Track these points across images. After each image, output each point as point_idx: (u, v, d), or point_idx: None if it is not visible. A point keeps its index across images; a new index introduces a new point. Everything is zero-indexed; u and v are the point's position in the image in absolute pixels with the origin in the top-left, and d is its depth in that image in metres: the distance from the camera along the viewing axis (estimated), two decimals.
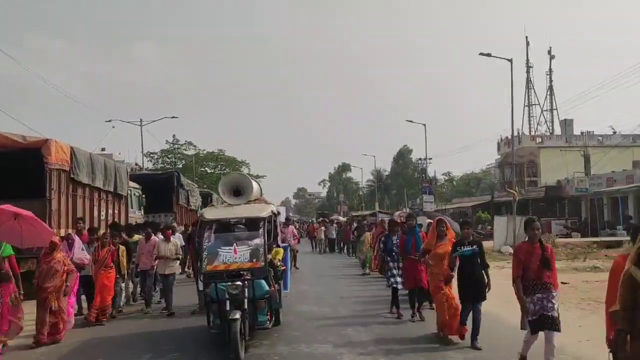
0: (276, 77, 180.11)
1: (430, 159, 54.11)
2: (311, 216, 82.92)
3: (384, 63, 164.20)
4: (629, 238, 27.06)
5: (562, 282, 11.87)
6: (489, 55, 26.72)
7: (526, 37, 57.72)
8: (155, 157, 53.47)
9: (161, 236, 11.36)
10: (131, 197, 17.79)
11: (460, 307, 7.57)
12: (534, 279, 6.00)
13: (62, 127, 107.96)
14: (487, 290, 7.34)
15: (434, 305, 8.62)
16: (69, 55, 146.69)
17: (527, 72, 58.50)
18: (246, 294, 7.11)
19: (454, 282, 7.77)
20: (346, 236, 26.28)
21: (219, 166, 57.42)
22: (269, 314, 7.80)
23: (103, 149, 43.19)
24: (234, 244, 7.59)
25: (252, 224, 8.18)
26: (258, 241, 7.67)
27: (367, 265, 16.99)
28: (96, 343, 8.31)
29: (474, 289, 7.33)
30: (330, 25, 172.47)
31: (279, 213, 10.29)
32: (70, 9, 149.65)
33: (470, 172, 74.04)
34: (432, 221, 10.76)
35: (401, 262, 9.61)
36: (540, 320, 5.92)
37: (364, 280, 15.60)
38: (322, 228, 29.98)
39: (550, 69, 58.77)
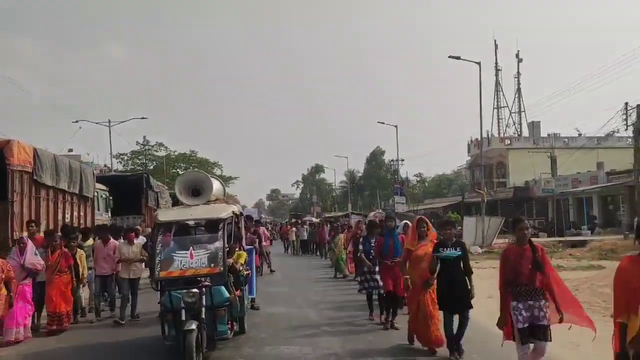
0: (247, 78, 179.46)
1: (402, 160, 54.54)
2: (285, 218, 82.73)
3: (358, 65, 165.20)
4: (595, 238, 27.94)
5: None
6: (458, 58, 27.15)
7: (495, 40, 59.07)
8: (125, 158, 52.73)
9: (122, 240, 10.76)
10: (98, 199, 17.48)
11: (436, 314, 7.02)
12: (525, 284, 5.46)
13: (28, 128, 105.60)
14: (470, 298, 6.67)
15: (405, 308, 8.18)
16: (36, 54, 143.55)
17: (496, 74, 59.64)
18: (204, 302, 6.66)
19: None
20: (319, 237, 26.05)
21: (191, 167, 56.86)
22: (230, 322, 7.27)
23: (70, 150, 42.33)
24: (190, 248, 7.08)
25: (211, 226, 7.72)
26: (217, 244, 7.17)
27: (340, 268, 16.63)
28: (41, 357, 7.74)
29: (456, 297, 6.62)
30: (301, 26, 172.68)
31: (241, 214, 9.68)
32: (37, 7, 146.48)
33: (442, 174, 75.01)
34: (407, 222, 10.51)
35: (375, 265, 9.09)
36: (531, 330, 5.40)
37: (335, 284, 15.22)
38: (294, 229, 29.89)
39: (518, 72, 60.01)
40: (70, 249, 9.66)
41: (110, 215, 18.96)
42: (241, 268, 7.87)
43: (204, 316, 6.60)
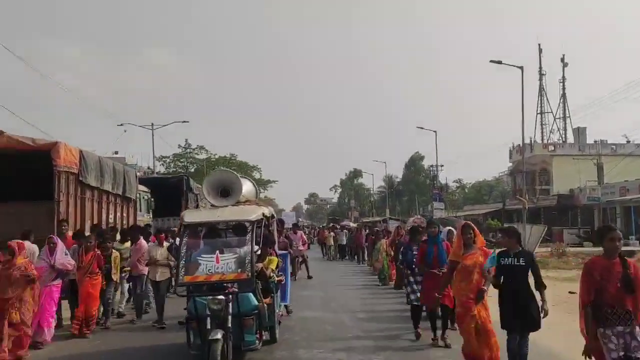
0: (289, 83, 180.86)
1: (442, 165, 53.92)
2: (322, 222, 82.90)
3: (397, 70, 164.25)
4: None
5: (570, 292, 11.75)
6: (499, 62, 26.67)
7: (539, 44, 57.29)
8: (167, 161, 53.87)
9: (151, 242, 10.66)
10: (140, 201, 17.92)
11: (493, 332, 6.29)
12: (611, 305, 4.59)
13: (76, 131, 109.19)
14: (542, 316, 5.74)
15: (456, 326, 7.29)
16: (84, 60, 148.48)
17: (540, 79, 58.15)
18: (230, 310, 6.29)
19: (489, 302, 6.47)
20: (358, 243, 25.42)
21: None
22: (258, 332, 6.89)
23: (116, 153, 43.70)
24: (217, 252, 6.69)
25: (239, 228, 7.39)
26: (245, 248, 6.78)
27: (384, 276, 15.86)
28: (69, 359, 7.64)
29: (523, 315, 5.71)
30: (344, 32, 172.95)
31: (273, 216, 9.09)
32: (85, 16, 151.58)
33: (482, 180, 73.70)
34: (451, 228, 9.89)
35: (419, 275, 8.42)
36: None
37: (376, 292, 14.49)
38: (332, 234, 29.27)
39: (563, 77, 58.37)
40: (104, 250, 9.52)
41: (151, 216, 19.41)
42: (272, 274, 7.47)
43: (230, 325, 6.26)
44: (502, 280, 5.92)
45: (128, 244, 11.19)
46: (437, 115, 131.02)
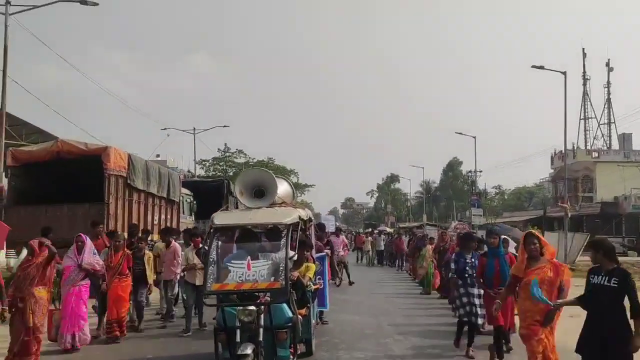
0: (326, 87, 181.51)
1: (481, 171, 53.11)
2: (359, 226, 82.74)
3: (436, 74, 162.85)
4: None
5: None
6: (541, 67, 26.27)
7: (583, 48, 55.93)
8: (207, 164, 54.87)
9: (179, 242, 10.42)
10: (183, 203, 18.46)
11: None
12: None
13: (121, 135, 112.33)
14: (633, 349, 4.67)
15: (511, 346, 7.19)
16: (130, 66, 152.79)
17: (584, 84, 56.74)
18: (262, 323, 5.79)
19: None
20: (397, 248, 24.54)
21: None
22: (292, 346, 6.29)
23: (158, 156, 44.77)
24: (248, 258, 6.16)
25: (274, 232, 6.78)
26: (279, 255, 6.21)
27: (427, 284, 15.12)
28: None
29: (605, 346, 4.75)
30: (381, 35, 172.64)
31: (310, 220, 8.37)
32: (130, 22, 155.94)
33: (523, 186, 72.32)
34: (506, 237, 8.92)
35: (471, 287, 7.63)
36: None
37: (420, 301, 13.57)
38: (370, 239, 28.44)
39: (608, 81, 56.84)
40: (138, 251, 9.25)
41: (193, 218, 19.93)
42: (309, 283, 6.90)
43: (261, 339, 5.76)
44: (589, 302, 4.99)
45: (160, 245, 10.81)
46: (477, 120, 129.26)
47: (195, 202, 20.07)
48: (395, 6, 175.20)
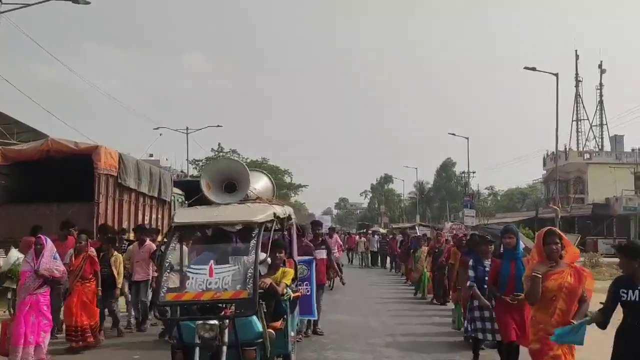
0: (321, 88, 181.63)
1: (474, 172, 53.39)
2: (352, 227, 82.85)
3: (429, 75, 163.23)
4: None
5: (600, 303, 11.58)
6: (533, 69, 26.46)
7: (575, 50, 56.19)
8: (200, 164, 54.84)
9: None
10: (174, 203, 18.43)
11: None
12: None
13: (114, 134, 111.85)
14: None
15: None
16: (122, 64, 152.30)
17: (576, 86, 57.02)
18: (226, 339, 4.92)
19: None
20: (390, 249, 24.05)
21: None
22: None
23: (151, 155, 44.69)
24: (211, 262, 5.30)
25: (249, 232, 6.00)
26: (248, 258, 5.29)
27: (422, 287, 14.43)
28: None
29: None
30: (373, 36, 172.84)
31: (290, 218, 7.32)
32: (124, 21, 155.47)
33: (515, 187, 72.61)
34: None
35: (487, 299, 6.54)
36: None
37: (418, 308, 12.73)
38: (363, 239, 28.03)
39: (600, 83, 57.14)
40: (107, 252, 8.62)
41: None
42: (285, 290, 5.94)
43: (225, 358, 4.88)
44: (624, 319, 4.20)
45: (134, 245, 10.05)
46: (471, 121, 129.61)
47: (187, 202, 20.03)
48: (386, 7, 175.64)
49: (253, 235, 5.48)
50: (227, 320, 5.00)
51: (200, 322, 4.95)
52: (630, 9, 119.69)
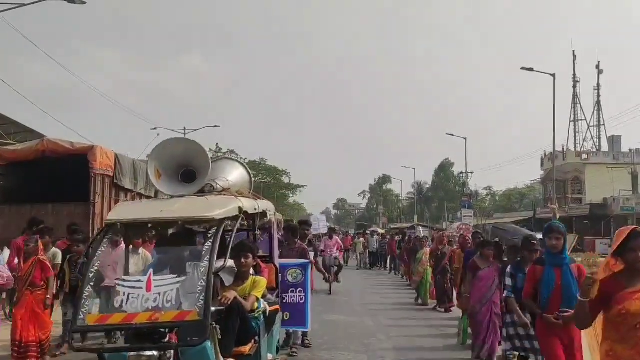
0: (320, 88, 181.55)
1: (472, 172, 53.38)
2: (351, 227, 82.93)
3: (428, 76, 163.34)
4: None
5: None
6: (531, 69, 26.47)
7: (573, 51, 56.31)
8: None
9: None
10: None
11: None
12: None
13: (111, 134, 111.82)
14: None
15: None
16: (119, 64, 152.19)
17: (574, 86, 57.16)
18: None
19: None
20: (390, 250, 23.14)
21: (260, 175, 58.30)
22: None
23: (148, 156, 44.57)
24: (150, 272, 4.10)
25: (188, 233, 5.15)
26: (200, 266, 4.12)
27: (423, 292, 13.25)
28: None
29: None
30: (371, 37, 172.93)
31: (265, 214, 5.99)
32: (122, 21, 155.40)
33: (514, 188, 72.71)
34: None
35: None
36: None
37: (419, 316, 11.56)
38: (362, 239, 26.92)
39: (598, 84, 57.28)
40: (76, 255, 7.47)
41: None
42: (257, 304, 4.82)
43: None
44: None
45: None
46: (469, 122, 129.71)
47: None
48: (386, 7, 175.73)
49: (210, 235, 4.32)
50: (171, 351, 3.94)
51: (133, 353, 3.86)
52: (628, 9, 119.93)
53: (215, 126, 43.25)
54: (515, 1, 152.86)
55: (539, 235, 6.12)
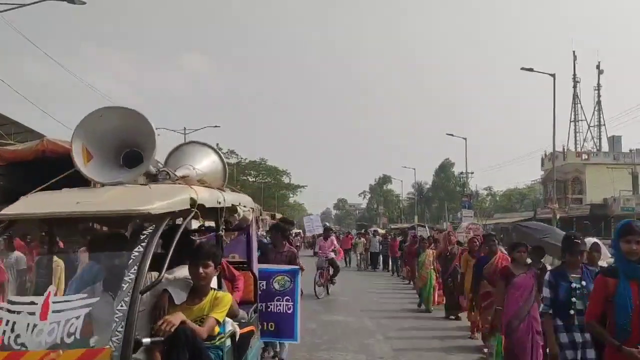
0: (319, 88, 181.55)
1: (472, 173, 53.35)
2: (351, 227, 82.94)
3: (428, 76, 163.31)
4: None
5: None
6: (531, 70, 26.46)
7: (573, 51, 56.28)
8: None
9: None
10: None
11: None
12: None
13: None
14: None
15: None
16: (120, 64, 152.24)
17: (574, 86, 57.15)
18: None
19: None
20: (392, 251, 22.27)
21: (260, 175, 58.30)
22: None
23: None
24: (48, 293, 2.95)
25: (117, 235, 4.06)
26: (124, 280, 2.95)
27: (426, 298, 12.29)
28: None
29: None
30: (373, 37, 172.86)
31: (234, 210, 4.51)
32: (122, 21, 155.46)
33: (514, 188, 72.69)
34: (597, 241, 6.28)
35: (579, 332, 4.40)
36: None
37: (419, 317, 11.35)
38: (363, 240, 25.96)
39: (598, 84, 57.27)
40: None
41: None
42: (219, 329, 3.67)
43: None
44: None
45: None
46: (469, 122, 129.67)
47: None
48: (386, 7, 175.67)
49: (144, 236, 3.14)
50: None
51: None
52: (628, 10, 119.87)
53: (215, 126, 43.14)
54: (515, 1, 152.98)
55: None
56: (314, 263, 15.21)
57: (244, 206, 4.74)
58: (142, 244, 3.07)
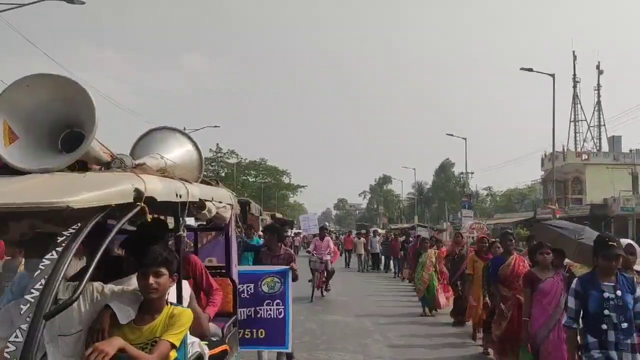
0: (320, 89, 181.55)
1: (472, 173, 53.41)
2: (351, 227, 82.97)
3: (428, 76, 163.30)
4: None
5: None
6: (530, 70, 26.45)
7: (573, 51, 56.25)
8: None
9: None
10: None
11: None
12: None
13: (111, 134, 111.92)
14: None
15: None
16: (120, 64, 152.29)
17: (574, 87, 57.14)
18: None
19: None
20: (392, 251, 21.73)
21: (260, 175, 58.30)
22: None
23: None
24: None
25: (42, 237, 2.96)
26: (25, 301, 2.11)
27: (429, 302, 11.72)
28: None
29: None
30: (373, 37, 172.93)
31: (203, 206, 3.62)
32: (122, 21, 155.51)
33: (514, 188, 72.67)
34: (630, 242, 6.08)
35: (614, 350, 3.84)
36: None
37: (418, 317, 11.15)
38: (363, 240, 24.96)
39: (598, 84, 57.27)
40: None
41: None
42: (173, 354, 2.86)
43: None
44: None
45: None
46: (469, 122, 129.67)
47: None
48: (385, 7, 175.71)
49: (60, 240, 2.32)
50: None
51: None
52: (628, 10, 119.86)
53: (215, 126, 43.02)
54: (515, 1, 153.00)
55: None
56: (306, 263, 13.94)
57: (219, 202, 3.93)
58: (57, 249, 2.23)
